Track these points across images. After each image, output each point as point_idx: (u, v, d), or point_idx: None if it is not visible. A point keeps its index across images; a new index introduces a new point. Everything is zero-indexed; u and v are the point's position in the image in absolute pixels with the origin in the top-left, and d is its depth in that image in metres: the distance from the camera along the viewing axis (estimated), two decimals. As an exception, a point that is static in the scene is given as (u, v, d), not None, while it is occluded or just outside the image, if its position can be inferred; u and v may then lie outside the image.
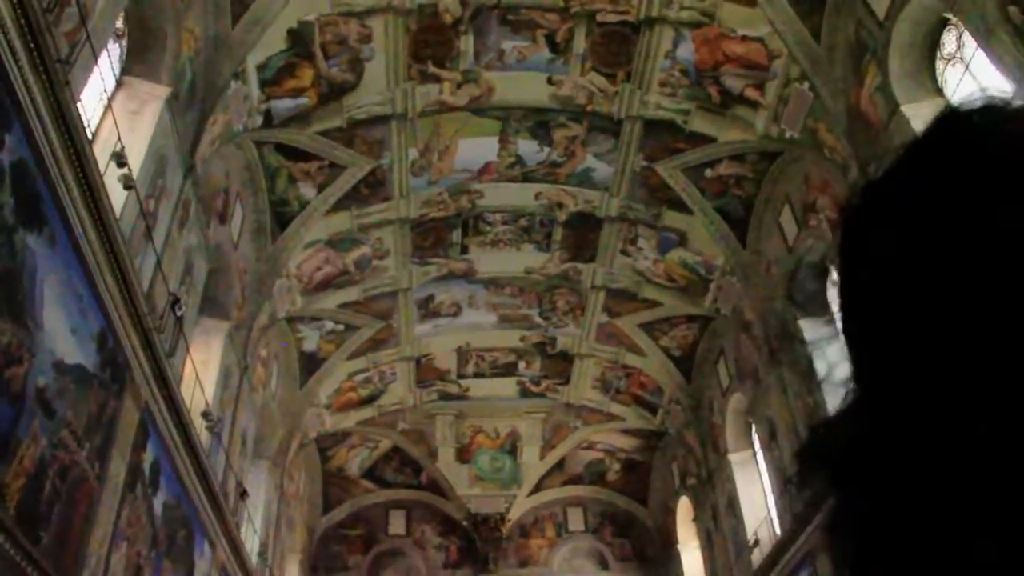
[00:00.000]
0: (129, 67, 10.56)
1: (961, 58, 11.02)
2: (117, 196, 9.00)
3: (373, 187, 16.46)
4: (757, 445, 18.37)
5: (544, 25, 14.39)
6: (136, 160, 9.76)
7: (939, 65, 11.39)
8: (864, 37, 11.87)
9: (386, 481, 25.87)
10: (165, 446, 11.11)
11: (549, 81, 15.14)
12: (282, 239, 16.17)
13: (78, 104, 7.79)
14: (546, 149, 16.56)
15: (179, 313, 10.87)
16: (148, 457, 10.54)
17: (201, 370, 13.02)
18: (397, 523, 25.97)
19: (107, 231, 8.44)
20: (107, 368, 9.05)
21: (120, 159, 8.77)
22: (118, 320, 9.17)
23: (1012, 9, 8.95)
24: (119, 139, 8.90)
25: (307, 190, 15.93)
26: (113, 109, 9.79)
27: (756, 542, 17.44)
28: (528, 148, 16.55)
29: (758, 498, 18.33)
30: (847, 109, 12.58)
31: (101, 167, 8.38)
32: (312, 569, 24.63)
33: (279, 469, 19.71)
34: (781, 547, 15.80)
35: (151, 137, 10.30)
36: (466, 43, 14.54)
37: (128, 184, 8.98)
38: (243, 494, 15.39)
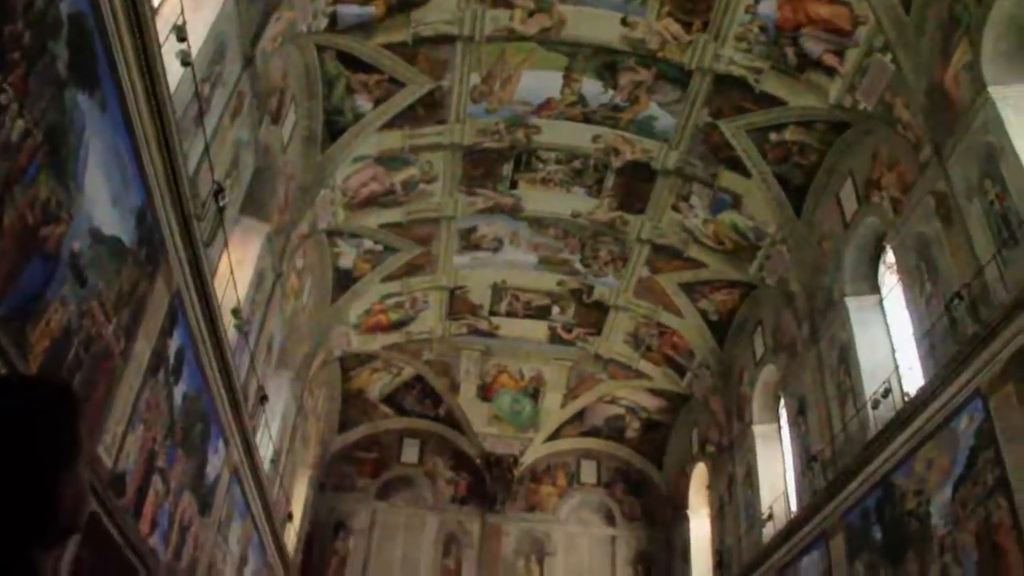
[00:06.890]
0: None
1: (1059, 43, 10.51)
2: (173, 73, 8.76)
3: (430, 108, 16.10)
4: (784, 419, 18.06)
5: (626, -39, 13.93)
6: (196, 40, 9.49)
7: (1036, 48, 10.87)
8: (959, 12, 11.29)
9: (404, 409, 25.88)
10: (192, 336, 10.97)
11: (623, 21, 14.58)
12: (332, 149, 15.93)
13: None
14: (610, 92, 16.05)
15: (222, 203, 10.66)
16: (174, 344, 10.40)
17: (236, 268, 12.82)
18: (410, 452, 26.04)
19: (159, 104, 8.20)
20: (143, 246, 8.87)
21: (180, 33, 8.51)
22: (159, 199, 8.95)
23: None
24: (182, 12, 8.64)
25: (363, 102, 15.62)
26: (177, -14, 9.55)
27: (770, 516, 17.21)
28: (592, 88, 16.07)
29: (777, 473, 18.07)
30: (928, 86, 12.05)
31: (161, 39, 8.14)
32: (320, 486, 24.76)
33: (301, 382, 19.69)
34: (796, 524, 15.57)
35: (214, 20, 10.01)
36: (544, -31, 14.11)
37: (186, 61, 8.72)
38: (263, 399, 15.32)
